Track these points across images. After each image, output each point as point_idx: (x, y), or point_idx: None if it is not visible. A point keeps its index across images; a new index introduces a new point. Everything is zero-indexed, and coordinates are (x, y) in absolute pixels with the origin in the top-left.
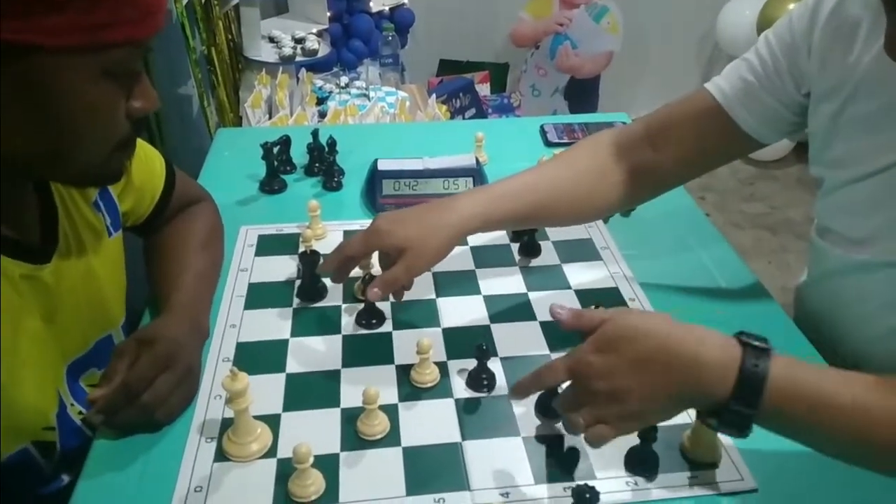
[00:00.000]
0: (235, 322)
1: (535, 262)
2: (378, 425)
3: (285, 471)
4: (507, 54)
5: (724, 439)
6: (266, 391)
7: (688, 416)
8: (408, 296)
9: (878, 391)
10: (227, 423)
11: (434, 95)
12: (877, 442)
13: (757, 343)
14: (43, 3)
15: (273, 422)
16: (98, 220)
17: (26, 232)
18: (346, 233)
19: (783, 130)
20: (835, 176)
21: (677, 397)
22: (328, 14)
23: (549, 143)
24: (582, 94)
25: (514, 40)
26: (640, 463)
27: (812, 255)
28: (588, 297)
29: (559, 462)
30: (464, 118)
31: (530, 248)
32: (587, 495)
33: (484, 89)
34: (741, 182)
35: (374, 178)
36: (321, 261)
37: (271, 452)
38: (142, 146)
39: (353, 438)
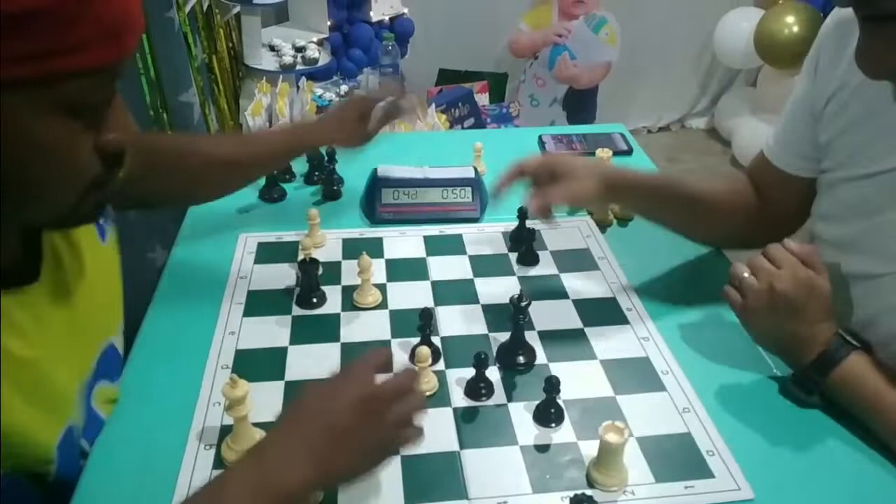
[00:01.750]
0: (234, 329)
1: (533, 272)
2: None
3: None
4: (505, 64)
5: (719, 447)
6: (265, 398)
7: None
8: (407, 304)
9: None
10: (225, 431)
11: (434, 105)
12: None
13: (849, 338)
14: None
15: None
16: (88, 227)
17: (5, 257)
18: (345, 241)
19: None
20: (821, 179)
21: (787, 332)
22: (328, 23)
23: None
24: (580, 104)
25: (512, 51)
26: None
27: None
28: (585, 307)
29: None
30: (462, 127)
31: (528, 258)
32: None
33: (483, 99)
34: None
35: (374, 186)
36: (320, 269)
37: None
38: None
39: None
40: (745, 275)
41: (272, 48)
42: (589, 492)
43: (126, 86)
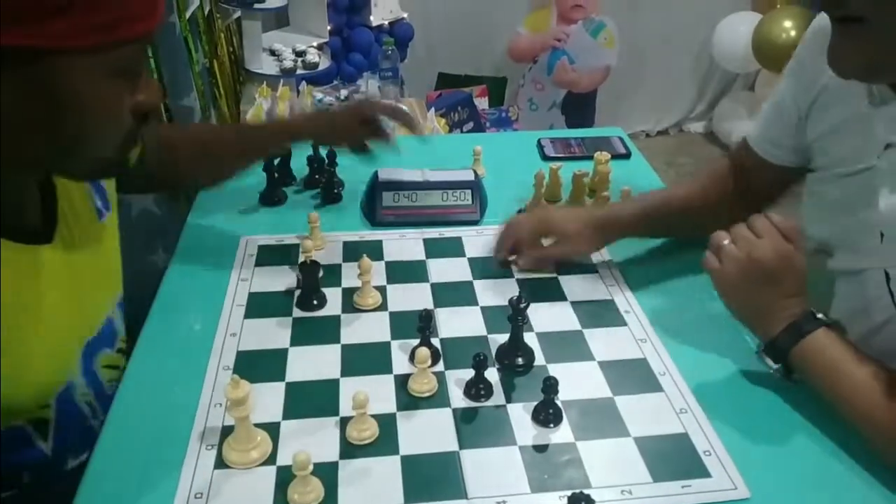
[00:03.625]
0: (236, 331)
1: (531, 274)
2: (366, 430)
3: (285, 478)
4: (505, 68)
5: (716, 446)
6: (266, 399)
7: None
8: (406, 306)
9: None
10: (227, 431)
11: (433, 109)
12: (869, 423)
13: (820, 316)
14: (49, 6)
15: (273, 429)
16: (92, 199)
17: (28, 216)
18: (345, 244)
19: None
20: (809, 180)
21: (759, 301)
22: (328, 27)
23: (546, 157)
24: (579, 108)
25: (511, 55)
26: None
27: None
28: (583, 308)
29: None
30: (462, 131)
31: None
32: (583, 503)
33: (482, 103)
34: None
35: (375, 189)
36: (321, 272)
37: (271, 460)
38: None
39: (351, 446)
40: (725, 242)
41: (273, 52)
42: (587, 491)
43: None
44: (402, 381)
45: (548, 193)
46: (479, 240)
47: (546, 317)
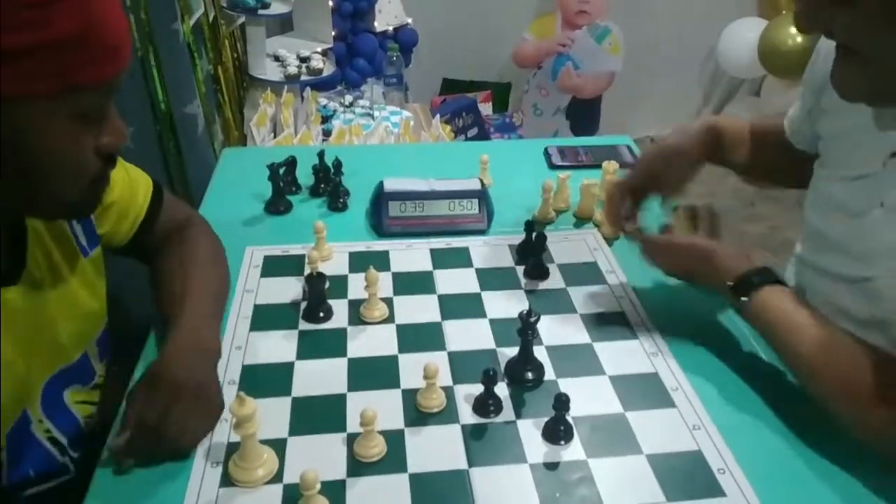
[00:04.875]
0: (241, 344)
1: (542, 286)
2: (374, 447)
3: (292, 496)
4: (509, 74)
5: (730, 465)
6: (272, 415)
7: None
8: (414, 319)
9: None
10: (232, 448)
11: (438, 115)
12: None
13: (769, 269)
14: (6, 51)
15: (279, 446)
16: (70, 239)
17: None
18: (351, 254)
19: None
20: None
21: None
22: (333, 33)
23: (553, 166)
24: (584, 114)
25: (516, 60)
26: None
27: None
28: (593, 321)
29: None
30: (466, 137)
31: (537, 271)
32: None
33: (486, 108)
34: (741, 202)
35: (381, 199)
36: (327, 284)
37: (277, 478)
38: (127, 168)
39: (358, 463)
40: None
41: (277, 59)
42: None
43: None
44: (409, 396)
45: (556, 202)
46: (487, 250)
47: (555, 329)
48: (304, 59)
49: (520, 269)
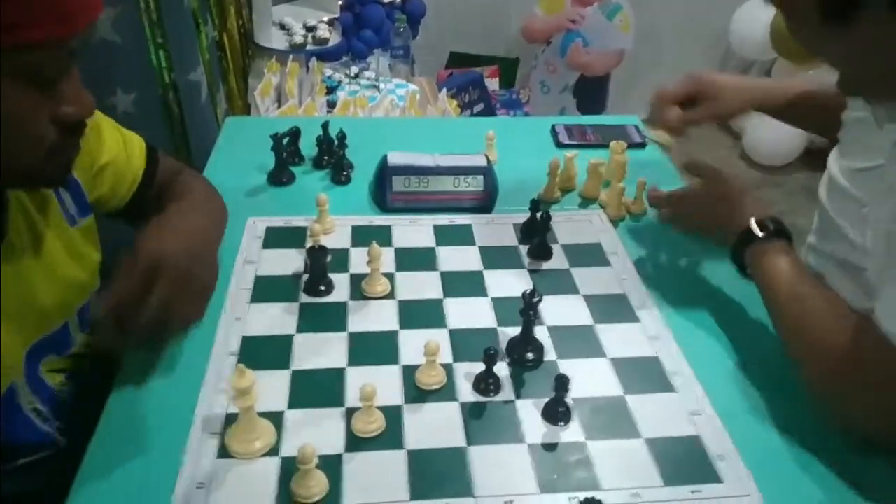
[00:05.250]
0: (241, 315)
1: (545, 266)
2: (373, 423)
3: (289, 469)
4: (517, 49)
5: (729, 451)
6: (271, 388)
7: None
8: (415, 295)
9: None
10: (230, 419)
11: (444, 89)
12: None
13: (777, 228)
14: None
15: (277, 419)
16: (56, 208)
17: None
18: (354, 228)
19: None
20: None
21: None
22: (340, 3)
23: (559, 144)
24: (591, 92)
25: (525, 36)
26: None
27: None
28: (596, 303)
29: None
30: (472, 112)
31: (540, 251)
32: None
33: (493, 84)
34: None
35: (385, 173)
36: (329, 257)
37: (274, 451)
38: (121, 130)
39: (356, 438)
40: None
41: (282, 27)
42: (598, 495)
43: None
44: (409, 373)
45: (562, 182)
46: (490, 228)
47: (557, 310)
48: (310, 29)
49: (523, 249)
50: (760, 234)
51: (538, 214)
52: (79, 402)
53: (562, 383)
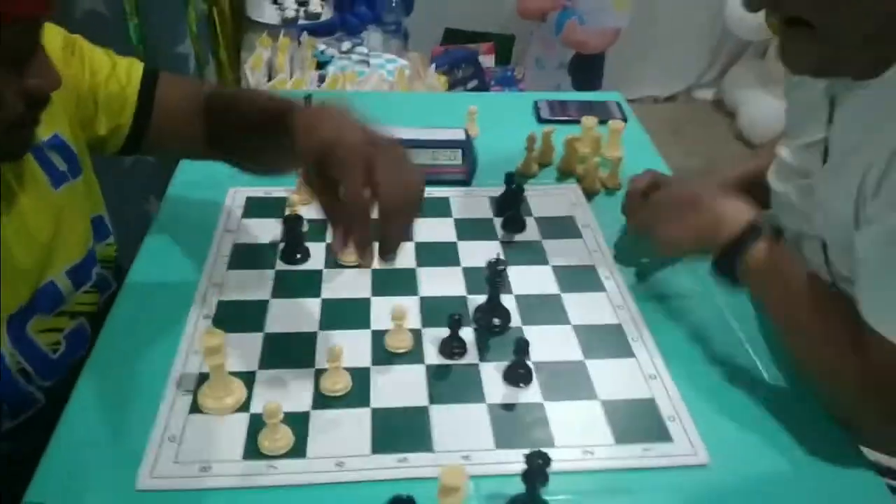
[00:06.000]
0: (218, 280)
1: (518, 238)
2: (339, 383)
3: (257, 425)
4: (513, 26)
5: (681, 413)
6: (244, 349)
7: None
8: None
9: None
10: (203, 378)
11: (434, 66)
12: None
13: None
14: None
15: (249, 378)
16: (35, 171)
17: None
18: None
19: None
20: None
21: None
22: None
23: (541, 120)
24: (586, 69)
25: (520, 12)
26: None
27: None
28: (564, 273)
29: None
30: (465, 89)
31: (514, 224)
32: (539, 461)
33: (488, 61)
34: None
35: None
36: (305, 226)
37: (245, 407)
38: (110, 55)
39: (323, 397)
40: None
41: (275, 1)
42: (551, 452)
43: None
44: (379, 337)
45: (540, 156)
46: (467, 201)
47: (525, 279)
48: (302, 3)
49: (498, 221)
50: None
51: (511, 187)
52: (76, 360)
53: (521, 346)
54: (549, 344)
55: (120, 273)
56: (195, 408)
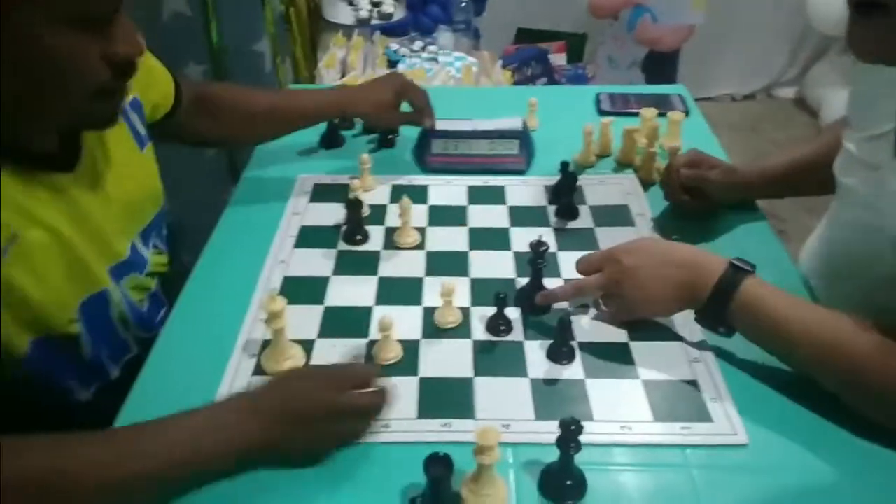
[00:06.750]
0: (285, 258)
1: (571, 225)
2: (391, 352)
3: None
4: (586, 24)
5: (723, 394)
6: (305, 319)
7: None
8: (442, 246)
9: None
10: (267, 344)
11: (500, 62)
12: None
13: (742, 265)
14: None
15: (308, 346)
16: (127, 132)
17: (48, 146)
18: (394, 187)
19: None
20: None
21: (676, 293)
22: None
23: (601, 112)
24: (660, 67)
25: (592, 11)
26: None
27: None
28: None
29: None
30: (534, 86)
31: (567, 211)
32: (572, 427)
33: (560, 59)
34: None
35: (426, 136)
36: (366, 209)
37: None
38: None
39: (376, 366)
40: (592, 298)
41: (350, 2)
42: (590, 425)
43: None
44: (429, 313)
45: (598, 147)
46: (522, 189)
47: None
48: (375, 4)
49: (552, 209)
50: (745, 269)
51: (566, 175)
52: (160, 318)
53: (564, 324)
54: (595, 326)
55: (172, 237)
56: (258, 370)
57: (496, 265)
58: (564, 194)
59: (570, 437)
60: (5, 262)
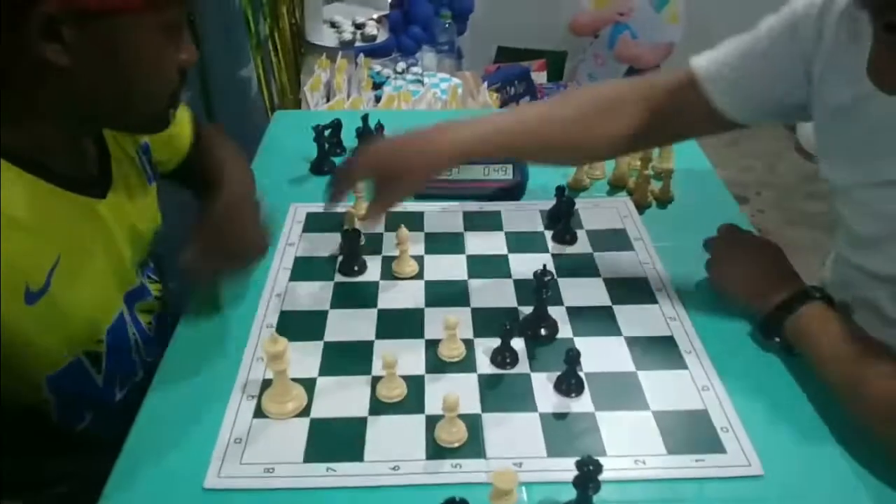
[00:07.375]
0: (280, 292)
1: (569, 250)
2: (395, 389)
3: (318, 429)
4: (565, 42)
5: (734, 424)
6: (305, 356)
7: None
8: (441, 276)
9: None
10: (267, 384)
11: (486, 83)
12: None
13: (811, 291)
14: None
15: (309, 384)
16: (141, 166)
17: (86, 171)
18: (388, 213)
19: (767, 114)
20: (834, 182)
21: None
22: (389, 0)
23: None
24: None
25: (573, 29)
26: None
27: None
28: (615, 285)
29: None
30: (517, 105)
31: (564, 236)
32: (590, 467)
33: (541, 77)
34: (801, 179)
35: None
36: (362, 240)
37: (306, 412)
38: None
39: (380, 403)
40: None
41: (333, 25)
42: (603, 460)
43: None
44: (432, 346)
45: (590, 170)
46: (518, 214)
47: (577, 291)
48: (359, 26)
49: (549, 234)
50: (811, 296)
51: (562, 200)
52: (160, 340)
53: (572, 356)
54: (600, 355)
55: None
56: (259, 412)
57: (497, 294)
58: (561, 219)
59: (588, 477)
60: (53, 281)
